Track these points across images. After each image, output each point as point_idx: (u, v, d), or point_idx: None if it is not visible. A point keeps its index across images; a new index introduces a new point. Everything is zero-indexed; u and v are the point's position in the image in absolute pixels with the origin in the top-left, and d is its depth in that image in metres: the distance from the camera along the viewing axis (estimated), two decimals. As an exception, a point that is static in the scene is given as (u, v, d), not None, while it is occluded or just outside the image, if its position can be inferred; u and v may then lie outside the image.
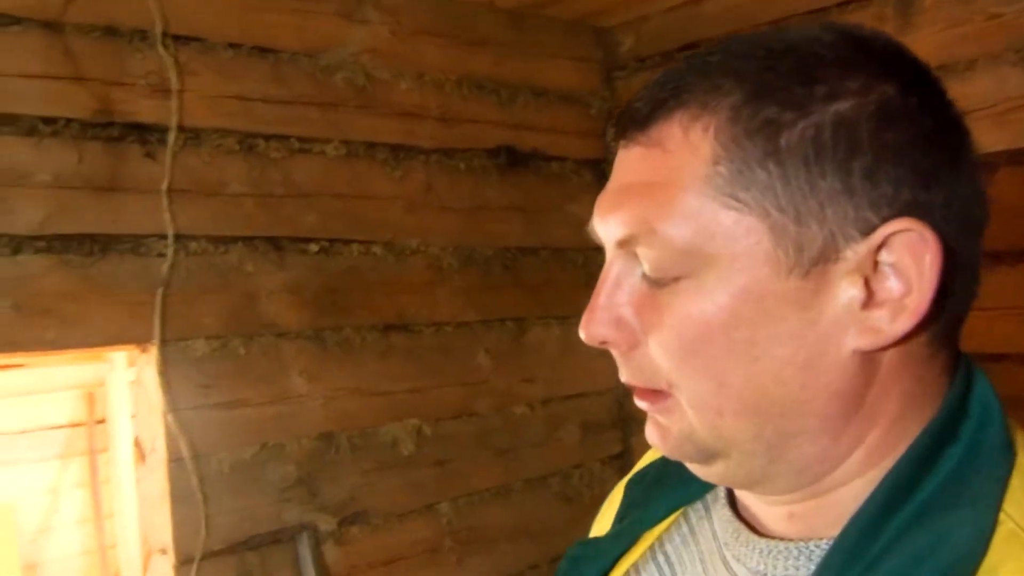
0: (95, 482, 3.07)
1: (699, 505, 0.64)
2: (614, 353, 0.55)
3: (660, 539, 0.65)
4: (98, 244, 1.41)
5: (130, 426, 2.86)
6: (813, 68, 0.48)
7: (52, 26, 1.39)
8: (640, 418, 0.68)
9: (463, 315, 1.86)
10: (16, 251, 1.33)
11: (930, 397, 0.51)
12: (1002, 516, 0.46)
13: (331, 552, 1.61)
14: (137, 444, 1.81)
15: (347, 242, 1.70)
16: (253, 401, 1.55)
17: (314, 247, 1.65)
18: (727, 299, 0.49)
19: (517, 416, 1.92)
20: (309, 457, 1.60)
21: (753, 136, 0.48)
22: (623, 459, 2.13)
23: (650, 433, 0.56)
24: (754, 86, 0.48)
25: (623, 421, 2.12)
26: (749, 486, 0.55)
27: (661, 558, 0.64)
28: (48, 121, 1.38)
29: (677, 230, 0.49)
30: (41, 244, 1.35)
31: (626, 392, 1.36)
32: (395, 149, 1.79)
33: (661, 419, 0.54)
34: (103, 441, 3.12)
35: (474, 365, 1.87)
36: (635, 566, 0.65)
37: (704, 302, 0.49)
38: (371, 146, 1.76)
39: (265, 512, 1.54)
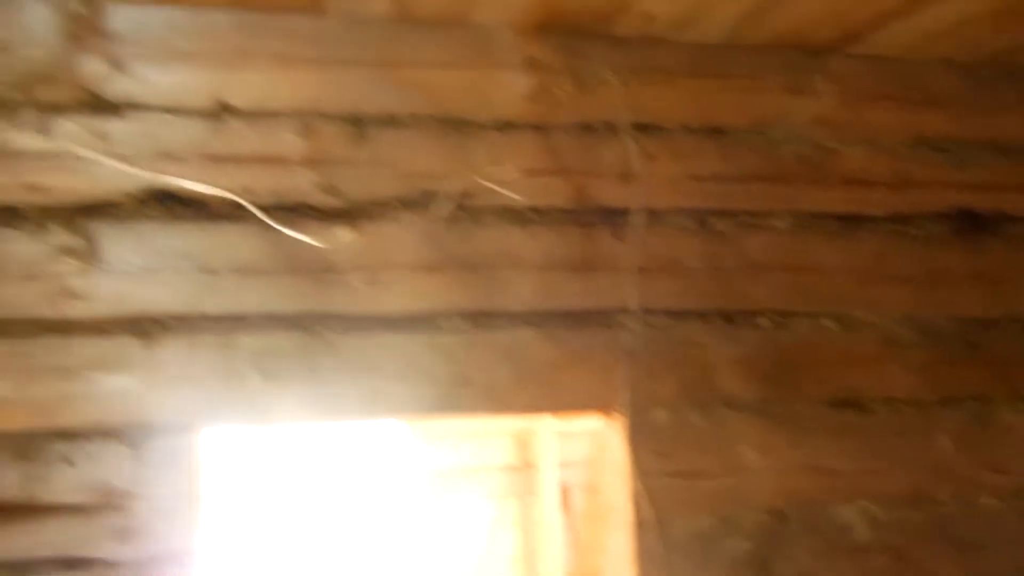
0: (526, 522, 3.36)
1: None
2: None
3: None
4: (576, 319, 1.56)
5: (556, 473, 3.11)
6: None
7: (541, 128, 1.59)
8: None
9: (919, 393, 1.73)
10: (512, 325, 1.53)
11: None
12: None
13: (783, 633, 1.58)
14: (564, 491, 1.95)
15: (796, 315, 1.69)
16: (707, 472, 1.58)
17: (764, 320, 1.66)
18: None
19: (983, 508, 1.73)
20: (761, 532, 1.59)
21: None
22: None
23: None
24: None
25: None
26: None
27: None
28: (536, 210, 1.57)
29: None
30: (533, 319, 1.53)
31: None
32: (844, 219, 1.74)
33: None
34: (533, 485, 3.41)
35: (932, 448, 1.72)
36: None
37: None
38: (819, 217, 1.73)
39: (721, 584, 1.56)
